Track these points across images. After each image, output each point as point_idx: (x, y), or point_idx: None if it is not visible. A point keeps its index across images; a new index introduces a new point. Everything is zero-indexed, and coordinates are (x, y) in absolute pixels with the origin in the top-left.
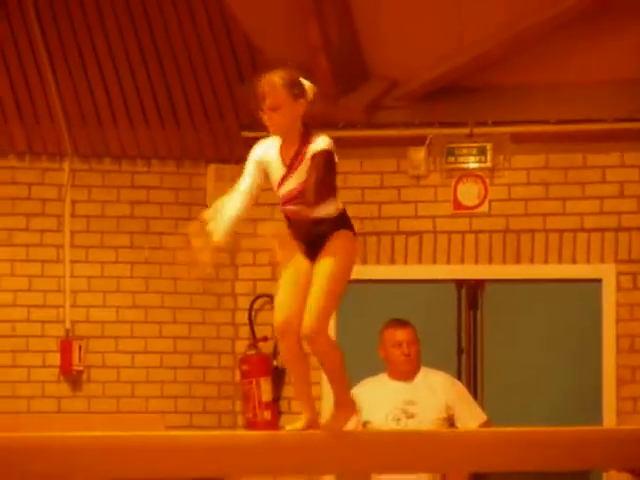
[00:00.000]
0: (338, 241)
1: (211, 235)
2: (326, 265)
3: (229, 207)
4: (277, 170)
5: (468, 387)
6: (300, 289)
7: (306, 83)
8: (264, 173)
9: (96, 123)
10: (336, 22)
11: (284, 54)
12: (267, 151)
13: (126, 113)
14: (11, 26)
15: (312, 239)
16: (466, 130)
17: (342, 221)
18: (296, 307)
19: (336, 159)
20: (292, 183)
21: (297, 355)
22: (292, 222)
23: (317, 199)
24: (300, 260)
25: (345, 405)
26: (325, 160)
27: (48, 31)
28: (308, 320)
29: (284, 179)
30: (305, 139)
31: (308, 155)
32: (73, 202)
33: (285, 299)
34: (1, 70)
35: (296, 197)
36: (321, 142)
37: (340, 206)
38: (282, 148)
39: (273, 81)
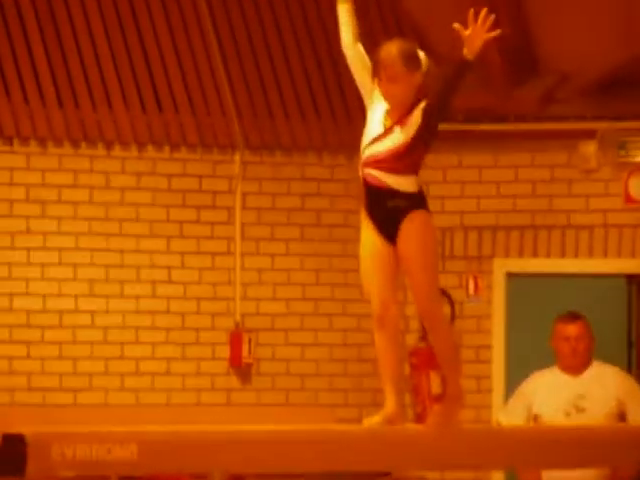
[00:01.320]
0: (417, 222)
1: None
2: (416, 245)
3: None
4: (375, 125)
5: (639, 381)
6: (388, 275)
7: (422, 55)
8: (368, 92)
9: (267, 115)
10: (507, 14)
11: (453, 46)
12: (378, 104)
13: (297, 105)
14: (184, 20)
15: (388, 214)
16: (638, 123)
17: (419, 200)
18: (390, 295)
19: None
20: (384, 145)
21: (395, 345)
22: (369, 191)
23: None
24: (378, 243)
25: (452, 397)
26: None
27: (220, 24)
28: (423, 298)
29: (377, 139)
30: (413, 108)
31: (412, 119)
32: (244, 194)
33: (378, 288)
34: (173, 62)
35: (384, 160)
36: (424, 101)
37: (419, 186)
38: (388, 113)
39: (392, 53)
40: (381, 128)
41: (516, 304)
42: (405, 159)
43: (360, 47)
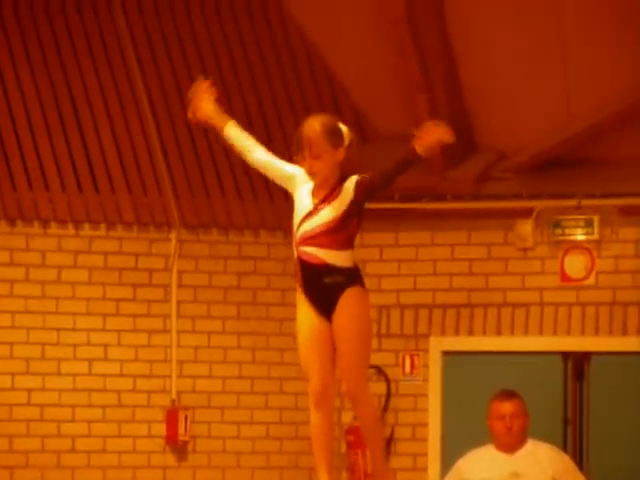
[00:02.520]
0: (353, 298)
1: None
2: (349, 323)
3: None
4: (304, 205)
5: (574, 458)
6: (325, 353)
7: (344, 129)
8: (288, 182)
9: (203, 194)
10: (444, 94)
11: (393, 126)
12: (304, 180)
13: (234, 184)
14: (120, 98)
15: (324, 290)
16: (574, 202)
17: (355, 275)
18: (329, 373)
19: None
20: (317, 221)
21: (330, 423)
22: (304, 269)
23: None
24: (315, 320)
25: (379, 474)
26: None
27: (156, 102)
28: (350, 381)
29: (308, 216)
30: (340, 183)
31: (342, 195)
32: (180, 272)
33: (317, 366)
34: (110, 142)
35: (317, 236)
36: (354, 177)
37: (354, 261)
38: (315, 189)
39: (315, 129)
40: (310, 205)
41: (452, 382)
42: (339, 234)
43: (261, 153)
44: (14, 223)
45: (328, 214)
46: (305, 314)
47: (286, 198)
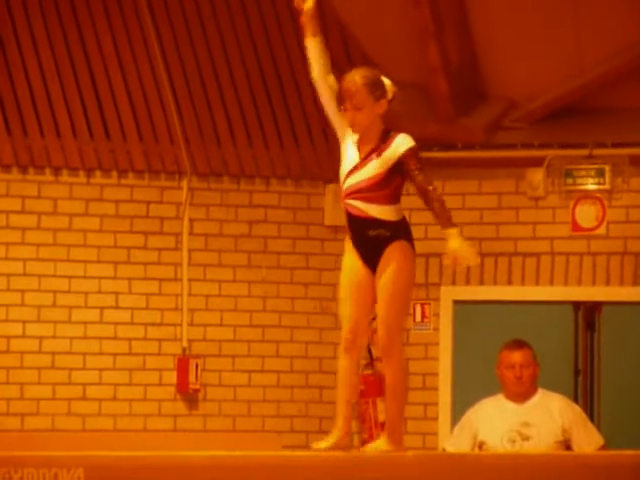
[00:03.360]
0: (397, 252)
1: None
2: (390, 277)
3: None
4: (350, 159)
5: (584, 408)
6: (363, 303)
7: (387, 82)
8: (340, 123)
9: (215, 142)
10: (455, 43)
11: (403, 74)
12: (350, 136)
13: (245, 132)
14: (132, 48)
15: (370, 243)
16: (585, 152)
17: (402, 229)
18: (363, 323)
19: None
20: (361, 176)
21: (356, 372)
22: (352, 220)
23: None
24: (358, 268)
25: (393, 434)
26: (417, 156)
27: (168, 51)
28: (384, 334)
29: (354, 170)
30: (384, 137)
31: (388, 153)
32: (191, 220)
33: (351, 314)
34: (121, 89)
35: (361, 190)
36: (402, 140)
37: (401, 214)
38: (359, 142)
39: (356, 81)
40: (357, 159)
41: (463, 332)
42: (384, 189)
43: (331, 80)
44: (26, 170)
45: (373, 169)
46: (349, 263)
47: (297, 147)
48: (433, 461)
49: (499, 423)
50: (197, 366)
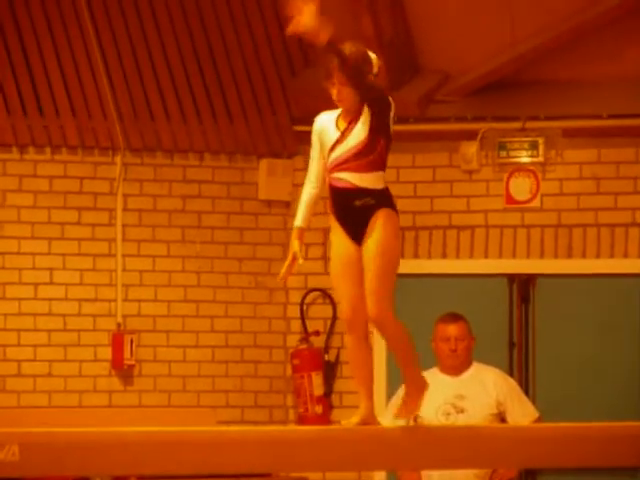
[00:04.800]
0: (382, 220)
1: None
2: (375, 246)
3: (304, 193)
4: (331, 136)
5: (519, 381)
6: (356, 277)
7: (373, 57)
8: (323, 147)
9: (148, 117)
10: (389, 15)
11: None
12: (323, 121)
13: (178, 107)
14: (64, 23)
15: (356, 215)
16: (518, 124)
17: (386, 197)
18: (359, 298)
19: (392, 106)
20: (345, 146)
21: (366, 347)
22: (337, 194)
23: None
24: (346, 245)
25: (417, 386)
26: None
27: (100, 27)
28: (372, 305)
29: (337, 143)
30: (362, 108)
31: (364, 115)
32: (125, 196)
33: (347, 291)
34: (54, 65)
35: (346, 160)
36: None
37: (384, 182)
38: (340, 117)
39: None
40: (337, 134)
41: (398, 305)
42: (367, 156)
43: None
44: None
45: (355, 138)
46: (337, 241)
47: (230, 121)
48: (368, 434)
49: (434, 396)
50: (132, 342)
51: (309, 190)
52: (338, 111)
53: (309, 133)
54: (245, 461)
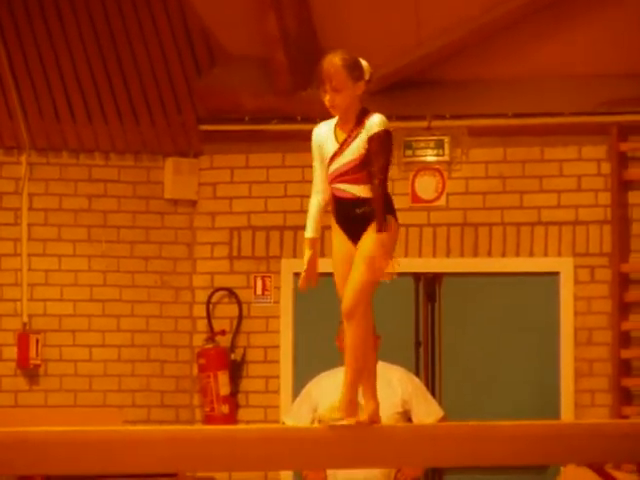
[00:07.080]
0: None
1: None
2: (365, 247)
3: (311, 205)
4: (330, 147)
5: (425, 380)
6: None
7: (364, 64)
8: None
9: (54, 117)
10: (294, 15)
11: (242, 47)
12: (322, 132)
13: (84, 107)
14: None
15: (356, 221)
16: (424, 123)
17: (385, 205)
18: None
19: (392, 137)
20: (343, 159)
21: (365, 338)
22: (338, 203)
23: (383, 183)
24: (347, 247)
25: (342, 401)
26: (382, 142)
27: (5, 26)
28: (348, 298)
29: (336, 155)
30: (361, 118)
31: (363, 134)
32: (30, 195)
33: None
34: None
35: (346, 173)
36: (376, 121)
37: (385, 190)
38: (337, 126)
39: (335, 63)
40: (335, 145)
41: (304, 304)
42: (365, 168)
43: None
44: None
45: (352, 153)
46: (338, 243)
47: (136, 121)
48: (274, 434)
49: (339, 396)
50: (37, 341)
51: (316, 201)
52: (335, 120)
53: (215, 132)
54: (152, 461)
